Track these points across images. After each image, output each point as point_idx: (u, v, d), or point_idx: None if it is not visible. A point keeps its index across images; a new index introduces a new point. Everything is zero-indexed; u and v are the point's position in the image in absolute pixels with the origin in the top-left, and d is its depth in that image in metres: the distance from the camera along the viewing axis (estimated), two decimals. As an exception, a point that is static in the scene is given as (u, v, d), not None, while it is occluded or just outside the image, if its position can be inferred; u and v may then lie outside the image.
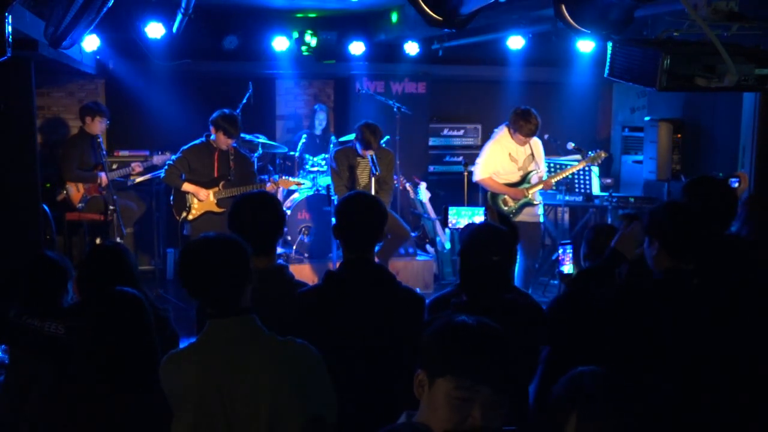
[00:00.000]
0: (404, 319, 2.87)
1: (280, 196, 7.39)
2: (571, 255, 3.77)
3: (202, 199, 6.22)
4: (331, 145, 7.94)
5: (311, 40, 8.19)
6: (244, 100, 7.48)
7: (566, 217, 8.29)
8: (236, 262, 2.38)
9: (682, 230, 2.93)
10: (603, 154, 6.83)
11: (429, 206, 7.81)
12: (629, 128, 8.99)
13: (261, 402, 2.29)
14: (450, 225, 3.61)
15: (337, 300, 2.86)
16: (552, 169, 7.09)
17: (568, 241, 3.92)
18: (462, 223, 3.40)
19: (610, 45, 3.71)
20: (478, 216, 3.63)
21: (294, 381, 2.34)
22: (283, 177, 6.88)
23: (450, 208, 3.63)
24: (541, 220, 6.87)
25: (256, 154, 7.36)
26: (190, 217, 6.27)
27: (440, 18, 3.89)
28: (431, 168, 9.04)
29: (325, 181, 7.49)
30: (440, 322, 1.86)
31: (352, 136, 6.81)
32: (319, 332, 2.69)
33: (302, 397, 2.34)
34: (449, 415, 1.75)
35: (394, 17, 7.47)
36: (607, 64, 3.73)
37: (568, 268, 3.78)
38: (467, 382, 1.74)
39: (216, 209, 6.24)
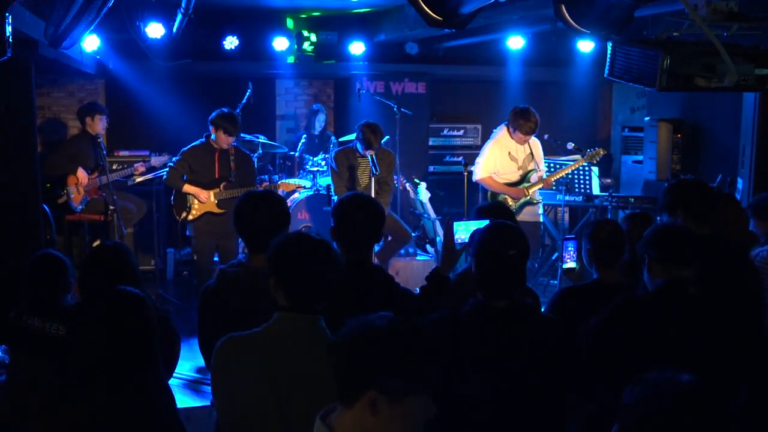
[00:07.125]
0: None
1: (280, 196, 7.36)
2: (573, 251, 3.71)
3: (203, 201, 6.22)
4: (331, 145, 7.93)
5: (311, 40, 8.19)
6: (244, 100, 7.47)
7: (566, 217, 8.29)
8: (333, 265, 2.45)
9: (669, 247, 2.93)
10: (601, 152, 6.85)
11: (429, 206, 7.80)
12: (629, 128, 8.99)
13: (316, 405, 2.28)
14: (458, 241, 3.16)
15: (335, 301, 2.86)
16: (551, 169, 7.10)
17: (572, 236, 3.88)
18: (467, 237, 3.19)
19: (610, 45, 3.72)
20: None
21: None
22: (284, 180, 6.86)
23: (456, 223, 3.18)
24: (541, 219, 6.87)
25: (256, 154, 7.35)
26: (190, 217, 6.26)
27: (440, 18, 3.89)
28: (431, 168, 9.04)
29: (325, 181, 7.48)
30: (387, 339, 1.76)
31: (352, 136, 6.79)
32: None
33: None
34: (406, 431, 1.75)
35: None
36: (607, 64, 3.74)
37: (570, 263, 3.72)
38: (425, 396, 1.74)
39: (216, 210, 6.23)
